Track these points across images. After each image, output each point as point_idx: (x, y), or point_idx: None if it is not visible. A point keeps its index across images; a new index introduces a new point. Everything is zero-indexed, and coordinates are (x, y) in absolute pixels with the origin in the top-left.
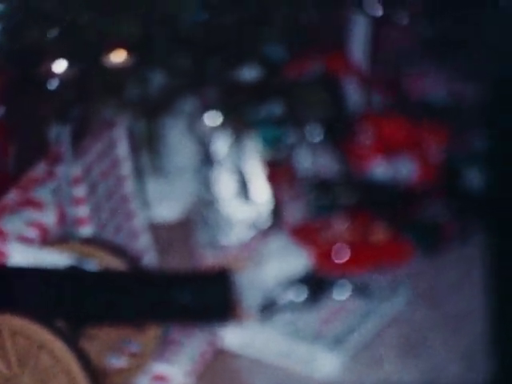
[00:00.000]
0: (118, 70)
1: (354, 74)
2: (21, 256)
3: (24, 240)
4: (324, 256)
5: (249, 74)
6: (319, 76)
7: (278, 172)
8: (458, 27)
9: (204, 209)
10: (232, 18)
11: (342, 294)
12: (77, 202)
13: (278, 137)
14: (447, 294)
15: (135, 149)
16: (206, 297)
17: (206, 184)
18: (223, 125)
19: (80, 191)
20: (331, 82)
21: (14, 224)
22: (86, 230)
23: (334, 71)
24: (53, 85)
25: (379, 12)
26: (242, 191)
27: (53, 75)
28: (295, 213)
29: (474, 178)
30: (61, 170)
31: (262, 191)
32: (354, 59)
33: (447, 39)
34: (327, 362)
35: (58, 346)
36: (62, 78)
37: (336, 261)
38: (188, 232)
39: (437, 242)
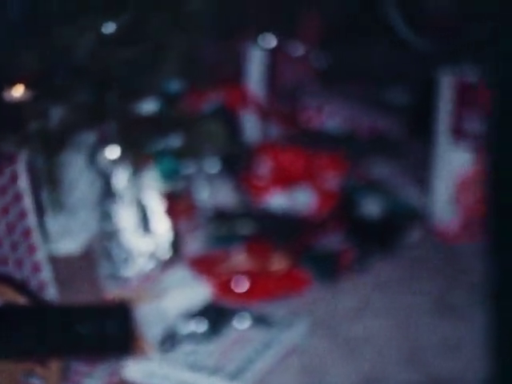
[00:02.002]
0: (18, 105)
1: (252, 106)
2: None
3: None
4: (223, 286)
5: (147, 107)
6: (217, 109)
7: (177, 204)
8: (354, 58)
9: (105, 241)
10: (129, 52)
11: (242, 323)
12: None
13: (177, 169)
14: (346, 321)
15: (36, 182)
16: (107, 329)
17: (106, 216)
18: (122, 158)
19: None
20: (229, 114)
21: None
22: None
23: (231, 104)
24: None
25: (274, 44)
26: (141, 223)
27: None
28: (194, 244)
29: (371, 206)
30: None
31: (161, 223)
32: (252, 91)
33: (344, 70)
34: None
35: None
36: None
37: (235, 291)
38: (90, 264)
39: (334, 270)
